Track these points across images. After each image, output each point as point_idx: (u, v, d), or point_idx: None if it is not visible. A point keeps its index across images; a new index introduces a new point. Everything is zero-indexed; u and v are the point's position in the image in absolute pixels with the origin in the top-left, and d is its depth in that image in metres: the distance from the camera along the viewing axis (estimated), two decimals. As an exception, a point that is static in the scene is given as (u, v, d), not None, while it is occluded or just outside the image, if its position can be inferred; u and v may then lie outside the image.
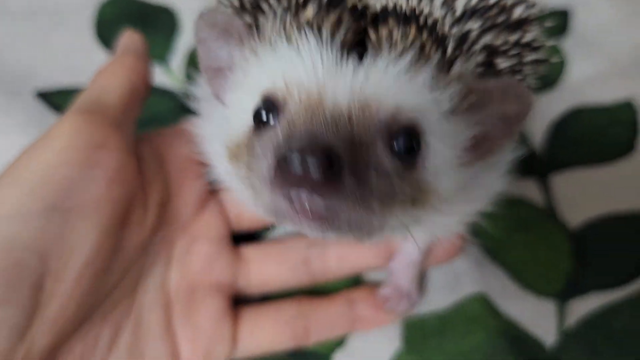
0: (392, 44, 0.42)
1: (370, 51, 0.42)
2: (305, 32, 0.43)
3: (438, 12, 0.46)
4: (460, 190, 0.49)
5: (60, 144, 0.51)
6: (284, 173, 0.38)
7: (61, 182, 0.49)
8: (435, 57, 0.43)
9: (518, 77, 0.50)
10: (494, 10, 0.49)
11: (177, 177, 0.61)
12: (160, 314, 0.58)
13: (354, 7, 0.44)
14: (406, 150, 0.43)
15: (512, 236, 0.70)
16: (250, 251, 0.65)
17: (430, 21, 0.44)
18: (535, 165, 0.76)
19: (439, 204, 0.46)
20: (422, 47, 0.43)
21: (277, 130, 0.42)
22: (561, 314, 0.66)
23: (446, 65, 0.44)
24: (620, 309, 0.66)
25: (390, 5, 0.44)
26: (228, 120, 0.50)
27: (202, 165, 0.60)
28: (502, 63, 0.49)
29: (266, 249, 0.65)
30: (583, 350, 0.64)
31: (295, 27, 0.44)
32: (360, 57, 0.42)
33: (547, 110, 0.80)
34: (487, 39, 0.48)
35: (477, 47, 0.47)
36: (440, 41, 0.44)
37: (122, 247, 0.55)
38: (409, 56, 0.42)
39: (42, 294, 0.47)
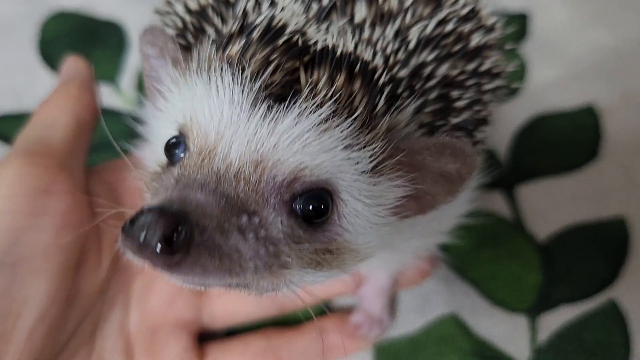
0: (314, 92, 0.39)
1: (288, 99, 0.39)
2: (223, 70, 0.40)
3: (389, 48, 0.43)
4: (411, 228, 0.46)
5: (2, 192, 0.47)
6: (127, 237, 0.35)
7: (5, 235, 0.46)
8: (360, 110, 0.39)
9: (477, 108, 0.48)
10: (451, 38, 0.47)
11: (132, 213, 0.58)
12: (122, 358, 0.55)
13: (292, 44, 0.41)
14: (311, 211, 0.40)
15: (481, 251, 0.69)
16: None
17: (370, 67, 0.41)
18: (501, 176, 0.75)
19: (362, 259, 0.44)
20: (349, 98, 0.39)
21: (174, 170, 0.40)
22: (533, 329, 0.65)
23: (374, 119, 0.40)
24: (591, 321, 0.65)
25: (331, 45, 0.41)
26: (153, 140, 0.47)
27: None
28: (459, 96, 0.46)
29: None
30: (556, 365, 0.63)
31: (217, 63, 0.40)
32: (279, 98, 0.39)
33: (510, 119, 0.79)
34: (442, 70, 0.45)
35: (433, 81, 0.45)
36: (373, 92, 0.40)
37: (77, 295, 0.51)
38: (326, 108, 0.39)
39: (-10, 357, 0.44)
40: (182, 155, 0.42)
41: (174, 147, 0.42)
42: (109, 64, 0.82)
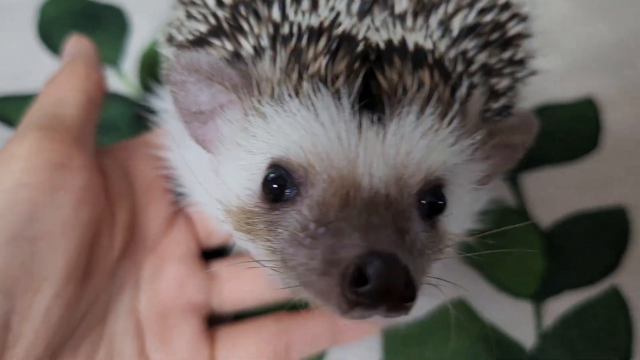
0: (409, 95, 0.39)
1: (387, 105, 0.38)
2: (319, 90, 0.38)
3: (440, 42, 0.44)
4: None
5: (20, 166, 0.46)
6: (359, 296, 0.34)
7: (24, 208, 0.45)
8: (454, 104, 0.40)
9: (511, 94, 0.49)
10: (489, 27, 0.47)
11: (143, 194, 0.57)
12: (132, 342, 0.55)
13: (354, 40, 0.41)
14: (433, 206, 0.41)
15: (487, 238, 0.70)
16: (222, 267, 0.61)
17: (436, 56, 0.41)
18: (506, 165, 0.76)
19: (454, 240, 0.46)
20: (438, 92, 0.40)
21: (304, 210, 0.39)
22: (538, 315, 0.66)
23: (463, 108, 0.42)
24: (595, 307, 0.67)
25: (395, 40, 0.41)
26: (223, 174, 0.45)
27: (169, 179, 0.57)
28: (498, 82, 0.47)
29: (239, 264, 0.62)
30: (562, 350, 0.64)
31: (304, 80, 0.39)
32: (371, 106, 0.39)
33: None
34: (482, 57, 0.46)
35: (475, 66, 0.45)
36: (450, 80, 0.41)
37: (91, 275, 0.50)
38: (431, 110, 0.39)
39: (8, 335, 0.43)
40: (292, 191, 0.40)
41: (274, 182, 0.41)
42: (110, 48, 0.80)
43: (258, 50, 0.44)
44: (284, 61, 0.41)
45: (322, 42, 0.40)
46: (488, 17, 0.47)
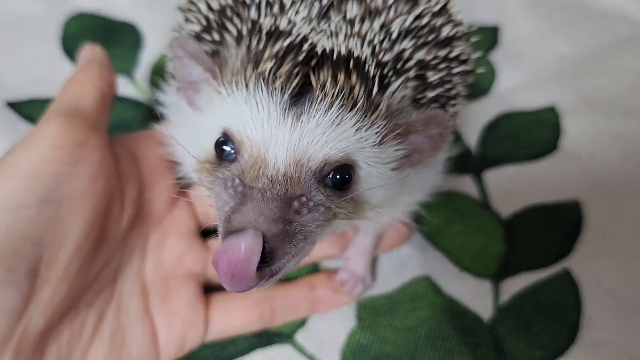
0: (325, 92, 0.50)
1: (308, 101, 0.50)
2: (260, 86, 0.50)
3: (376, 39, 0.54)
4: (402, 186, 0.57)
5: (47, 143, 0.56)
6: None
7: (50, 177, 0.55)
8: (362, 99, 0.51)
9: (447, 86, 0.59)
10: (425, 30, 0.57)
11: (149, 176, 0.67)
12: (138, 300, 0.64)
13: (301, 48, 0.51)
14: (339, 181, 0.51)
15: (452, 225, 0.79)
16: (217, 244, 0.70)
17: (362, 59, 0.51)
18: (471, 163, 0.85)
19: (374, 210, 0.55)
20: (351, 90, 0.50)
21: (234, 171, 0.51)
22: (496, 292, 0.74)
23: (373, 102, 0.52)
24: (547, 286, 0.74)
25: (331, 47, 0.51)
26: (198, 132, 0.57)
27: (172, 164, 0.66)
28: (433, 76, 0.57)
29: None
30: (516, 321, 0.72)
31: (254, 80, 0.51)
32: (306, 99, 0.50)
33: (480, 115, 0.89)
34: (419, 55, 0.56)
35: (411, 63, 0.55)
36: (368, 80, 0.51)
37: (104, 238, 0.60)
38: (337, 106, 0.50)
39: (37, 279, 0.52)
40: (232, 153, 0.52)
41: (222, 144, 0.53)
42: (125, 60, 0.91)
43: (238, 39, 0.55)
44: (243, 58, 0.53)
45: (277, 46, 0.51)
46: (424, 21, 0.57)
